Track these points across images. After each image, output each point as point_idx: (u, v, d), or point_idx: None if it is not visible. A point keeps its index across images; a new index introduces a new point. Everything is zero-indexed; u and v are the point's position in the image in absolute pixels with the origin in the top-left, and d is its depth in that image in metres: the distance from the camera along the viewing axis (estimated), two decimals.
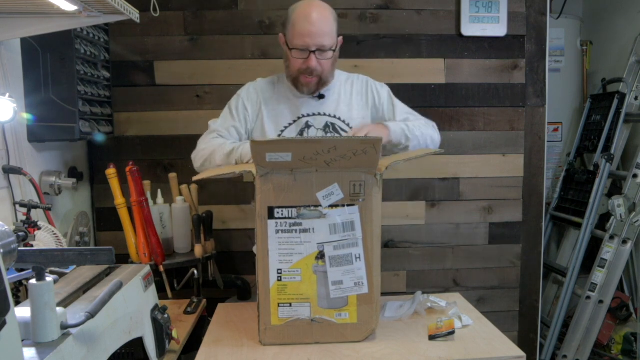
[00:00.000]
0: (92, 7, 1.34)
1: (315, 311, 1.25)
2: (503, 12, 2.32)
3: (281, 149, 1.17)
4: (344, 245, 1.23)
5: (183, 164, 2.29)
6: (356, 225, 1.23)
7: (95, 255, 0.96)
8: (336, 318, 1.25)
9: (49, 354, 0.82)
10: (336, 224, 1.22)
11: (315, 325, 1.25)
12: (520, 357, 1.20)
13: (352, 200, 1.22)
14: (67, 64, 1.69)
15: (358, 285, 1.25)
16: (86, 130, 1.78)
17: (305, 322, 1.25)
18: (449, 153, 2.39)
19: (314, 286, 1.24)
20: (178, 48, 2.25)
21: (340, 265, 1.23)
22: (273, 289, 1.23)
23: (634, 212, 2.43)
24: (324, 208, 1.22)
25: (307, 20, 1.47)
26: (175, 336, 1.33)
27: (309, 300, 1.24)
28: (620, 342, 2.67)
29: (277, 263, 1.23)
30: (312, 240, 1.22)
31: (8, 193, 1.55)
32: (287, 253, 1.23)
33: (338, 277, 1.23)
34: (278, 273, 1.23)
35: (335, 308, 1.25)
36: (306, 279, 1.23)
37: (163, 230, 1.83)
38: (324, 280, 1.23)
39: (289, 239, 1.22)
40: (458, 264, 2.45)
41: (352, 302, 1.25)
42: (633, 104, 2.65)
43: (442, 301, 1.46)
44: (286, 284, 1.23)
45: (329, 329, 1.25)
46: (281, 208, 1.22)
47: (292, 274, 1.23)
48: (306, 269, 1.23)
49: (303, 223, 1.22)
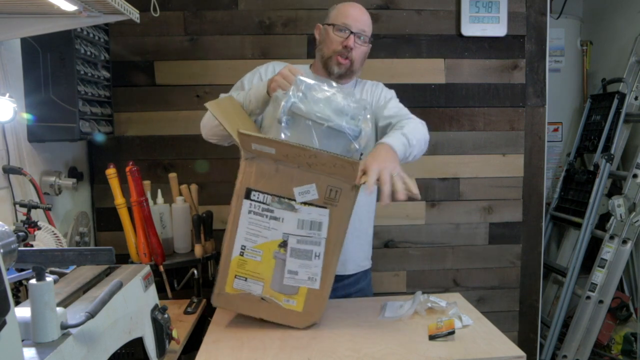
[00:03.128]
0: (92, 7, 1.34)
1: (266, 291, 1.31)
2: (503, 12, 2.32)
3: (265, 144, 1.24)
4: (307, 242, 1.29)
5: (183, 164, 2.29)
6: (323, 227, 1.28)
7: (95, 255, 0.96)
8: (284, 303, 1.32)
9: (49, 354, 0.82)
10: (304, 220, 1.28)
11: (264, 304, 1.32)
12: (520, 357, 1.20)
13: (325, 203, 1.27)
14: (67, 64, 1.69)
15: (311, 280, 1.31)
16: (86, 130, 1.78)
17: (255, 298, 1.32)
18: (449, 153, 2.39)
19: (270, 269, 1.30)
20: (178, 48, 2.25)
21: (300, 258, 1.29)
22: (234, 261, 1.30)
23: (634, 212, 2.43)
24: (297, 203, 1.27)
25: (353, 7, 1.60)
26: (175, 336, 1.33)
27: (263, 280, 1.31)
28: (620, 342, 2.67)
29: (242, 239, 1.29)
30: (279, 228, 1.28)
31: (8, 193, 1.55)
32: (253, 233, 1.29)
33: (294, 268, 1.30)
34: (241, 249, 1.30)
35: (285, 293, 1.31)
36: (265, 261, 1.30)
37: (163, 230, 1.83)
38: (281, 266, 1.30)
39: (259, 222, 1.28)
40: (458, 264, 2.45)
41: (301, 292, 1.31)
42: (633, 104, 2.65)
43: (442, 301, 1.46)
44: (246, 260, 1.30)
45: (275, 309, 1.32)
46: (258, 192, 1.28)
47: (254, 253, 1.30)
48: (267, 252, 1.29)
49: (275, 211, 1.28)
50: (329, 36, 1.58)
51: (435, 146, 2.35)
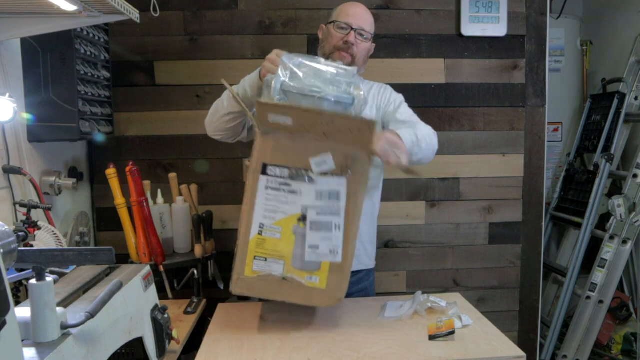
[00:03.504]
0: (92, 7, 1.34)
1: (288, 270, 1.28)
2: (503, 12, 2.32)
3: (283, 112, 1.22)
4: (326, 213, 1.27)
5: (183, 164, 2.29)
6: (341, 196, 1.26)
7: (95, 255, 0.96)
8: (306, 280, 1.28)
9: (49, 354, 0.82)
10: (323, 191, 1.26)
11: (285, 284, 1.28)
12: (520, 357, 1.20)
13: (342, 173, 1.26)
14: (67, 64, 1.69)
15: (333, 253, 1.28)
16: (86, 130, 1.77)
17: (276, 279, 1.28)
18: (449, 153, 2.39)
19: (291, 246, 1.27)
20: (178, 48, 2.25)
21: (320, 230, 1.27)
22: (252, 241, 1.27)
23: (634, 212, 2.43)
24: (315, 174, 1.26)
25: (354, 5, 1.63)
26: (175, 336, 1.33)
27: (283, 258, 1.27)
28: (620, 342, 2.67)
29: (261, 217, 1.27)
30: (297, 202, 1.26)
31: (8, 193, 1.55)
32: (272, 210, 1.27)
33: (315, 242, 1.27)
34: (260, 227, 1.27)
35: (307, 270, 1.28)
36: (285, 237, 1.27)
37: (163, 230, 1.83)
38: (301, 241, 1.27)
39: (276, 197, 1.26)
40: (458, 264, 2.45)
41: (324, 269, 1.28)
42: (633, 104, 2.65)
43: (442, 301, 1.46)
44: (265, 238, 1.27)
45: (297, 289, 1.28)
46: (275, 166, 1.26)
47: (273, 230, 1.27)
48: (287, 228, 1.27)
49: (292, 184, 1.26)
50: (330, 33, 1.60)
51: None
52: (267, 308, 1.52)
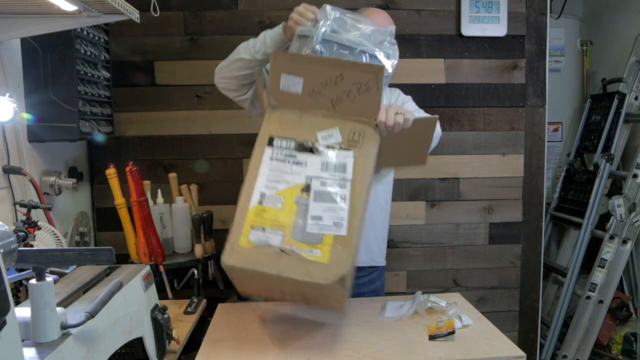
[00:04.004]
0: (92, 7, 1.34)
1: (287, 241, 1.19)
2: (503, 12, 2.32)
3: (296, 68, 1.24)
4: (331, 184, 1.23)
5: (183, 164, 2.29)
6: (348, 168, 1.24)
7: (95, 255, 0.96)
8: (307, 253, 1.18)
9: (49, 354, 0.82)
10: (329, 162, 1.24)
11: (284, 257, 1.17)
12: (520, 357, 1.20)
13: (349, 146, 1.25)
14: (67, 64, 1.69)
15: (337, 226, 1.21)
16: (86, 130, 1.77)
17: (273, 251, 1.17)
18: (449, 153, 2.39)
19: (292, 216, 1.21)
20: (178, 48, 2.25)
21: (324, 201, 1.22)
22: (252, 210, 1.21)
23: (634, 212, 2.43)
24: (321, 146, 1.25)
25: (383, 17, 1.59)
26: (175, 336, 1.33)
27: (283, 229, 1.19)
28: (620, 342, 2.67)
29: (262, 187, 1.23)
30: (302, 172, 1.24)
31: (8, 193, 1.55)
32: (275, 180, 1.23)
33: (318, 213, 1.21)
34: (261, 196, 1.22)
35: (308, 243, 1.19)
36: (287, 207, 1.21)
37: (163, 230, 1.83)
38: (303, 212, 1.21)
39: (281, 167, 1.24)
40: (458, 264, 2.45)
41: (326, 242, 1.19)
42: (633, 104, 2.65)
43: (442, 301, 1.46)
44: (266, 208, 1.21)
45: (296, 263, 1.16)
46: (281, 139, 1.26)
47: (274, 200, 1.22)
48: (289, 198, 1.22)
49: (297, 156, 1.25)
50: None
51: (436, 146, 2.35)
52: (267, 308, 1.52)
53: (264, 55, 1.46)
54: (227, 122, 2.28)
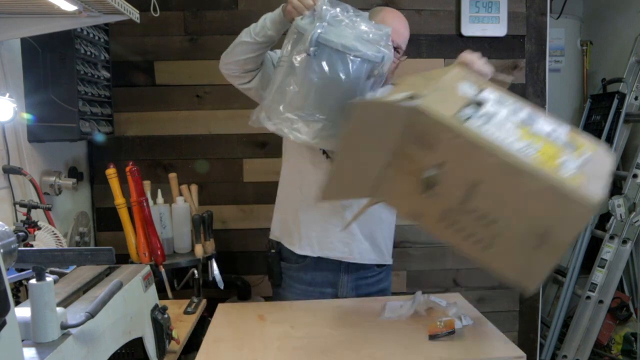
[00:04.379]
0: (92, 7, 1.34)
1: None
2: (503, 12, 2.32)
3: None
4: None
5: (183, 164, 2.29)
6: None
7: (95, 255, 0.96)
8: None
9: (49, 354, 0.82)
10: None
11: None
12: (520, 357, 1.20)
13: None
14: (67, 64, 1.69)
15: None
16: (86, 130, 1.77)
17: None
18: None
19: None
20: (178, 48, 2.25)
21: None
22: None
23: (634, 212, 2.43)
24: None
25: (399, 20, 1.60)
26: (175, 336, 1.33)
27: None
28: (620, 342, 2.67)
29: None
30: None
31: (8, 193, 1.55)
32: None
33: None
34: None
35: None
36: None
37: (163, 230, 1.83)
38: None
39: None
40: (458, 264, 2.45)
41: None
42: (633, 104, 2.65)
43: (442, 301, 1.46)
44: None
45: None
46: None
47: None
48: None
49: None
50: None
51: None
52: (267, 308, 1.52)
53: (264, 37, 1.47)
54: (227, 122, 2.28)
